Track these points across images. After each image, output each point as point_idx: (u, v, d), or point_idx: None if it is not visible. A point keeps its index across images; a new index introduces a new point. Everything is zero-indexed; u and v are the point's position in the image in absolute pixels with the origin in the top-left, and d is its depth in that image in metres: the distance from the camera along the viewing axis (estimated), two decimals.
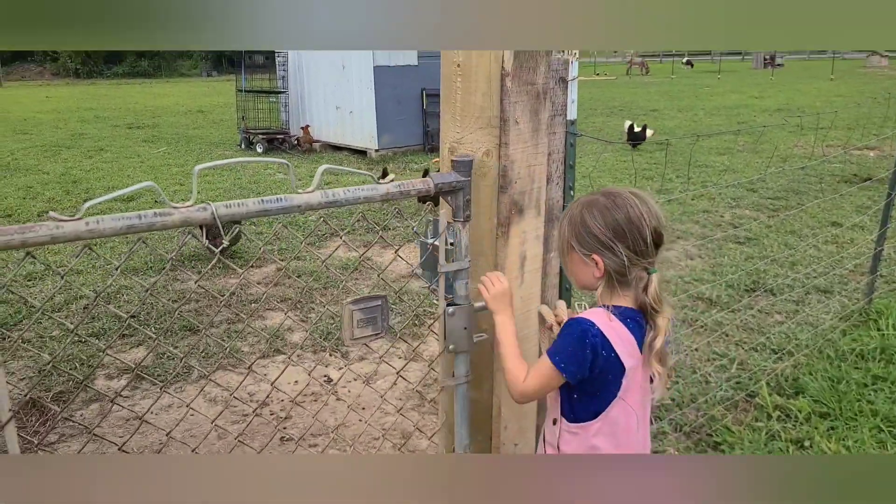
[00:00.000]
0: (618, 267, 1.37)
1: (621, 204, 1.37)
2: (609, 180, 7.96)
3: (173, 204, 1.14)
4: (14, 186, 7.93)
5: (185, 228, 1.19)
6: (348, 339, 1.50)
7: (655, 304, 1.37)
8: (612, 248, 1.36)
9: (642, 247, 1.37)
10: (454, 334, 1.60)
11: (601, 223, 1.37)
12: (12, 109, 18.95)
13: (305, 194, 1.30)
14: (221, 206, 1.19)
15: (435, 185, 1.52)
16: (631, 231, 1.36)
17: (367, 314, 1.50)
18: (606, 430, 1.41)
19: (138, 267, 4.84)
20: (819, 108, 14.64)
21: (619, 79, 30.99)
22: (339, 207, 1.36)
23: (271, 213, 1.27)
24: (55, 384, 3.21)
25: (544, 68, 1.74)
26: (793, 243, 5.31)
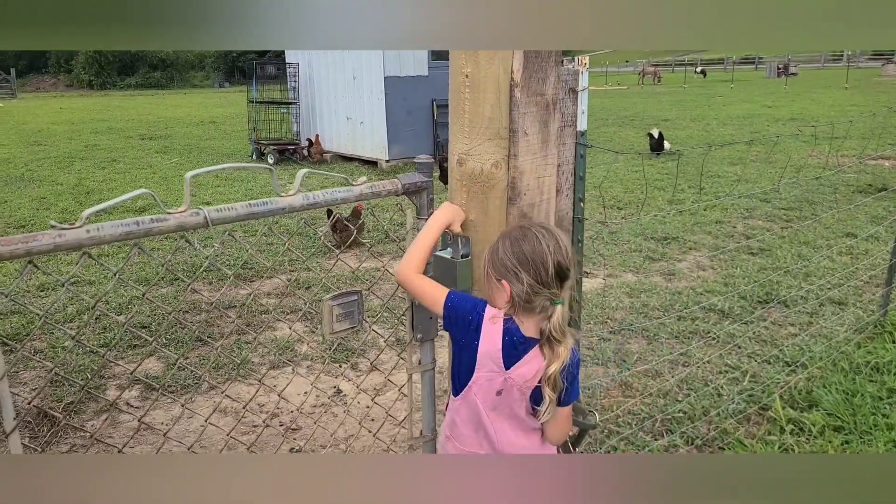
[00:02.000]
0: (521, 293, 1.45)
1: (529, 236, 1.47)
2: (620, 191, 7.93)
3: (168, 210, 1.17)
4: (28, 197, 8.02)
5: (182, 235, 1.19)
6: (328, 333, 1.61)
7: (555, 332, 1.45)
8: (517, 276, 1.45)
9: (545, 277, 1.44)
10: (422, 324, 1.73)
11: (509, 252, 1.47)
12: (27, 121, 19.21)
13: (288, 197, 1.41)
14: (213, 210, 1.27)
15: (402, 185, 1.65)
16: (534, 262, 1.45)
17: (344, 308, 1.62)
18: (465, 412, 1.55)
19: (149, 277, 4.86)
20: (833, 118, 14.54)
21: (630, 88, 30.98)
22: (319, 209, 1.45)
23: (259, 215, 1.36)
24: (66, 394, 3.22)
25: (554, 79, 1.73)
26: (806, 254, 5.26)
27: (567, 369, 1.47)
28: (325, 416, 3.06)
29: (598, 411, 3.04)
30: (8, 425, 1.13)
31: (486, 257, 1.54)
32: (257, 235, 5.93)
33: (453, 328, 1.56)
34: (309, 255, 5.45)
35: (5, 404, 1.11)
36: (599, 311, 4.20)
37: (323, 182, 8.46)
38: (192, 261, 5.23)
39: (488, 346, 1.50)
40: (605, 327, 3.95)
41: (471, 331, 1.52)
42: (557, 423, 1.55)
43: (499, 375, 1.50)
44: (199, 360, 3.61)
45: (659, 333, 3.84)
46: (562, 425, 1.57)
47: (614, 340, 3.76)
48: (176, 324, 4.01)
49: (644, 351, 3.65)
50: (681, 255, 5.38)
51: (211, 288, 4.74)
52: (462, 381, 1.55)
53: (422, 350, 1.79)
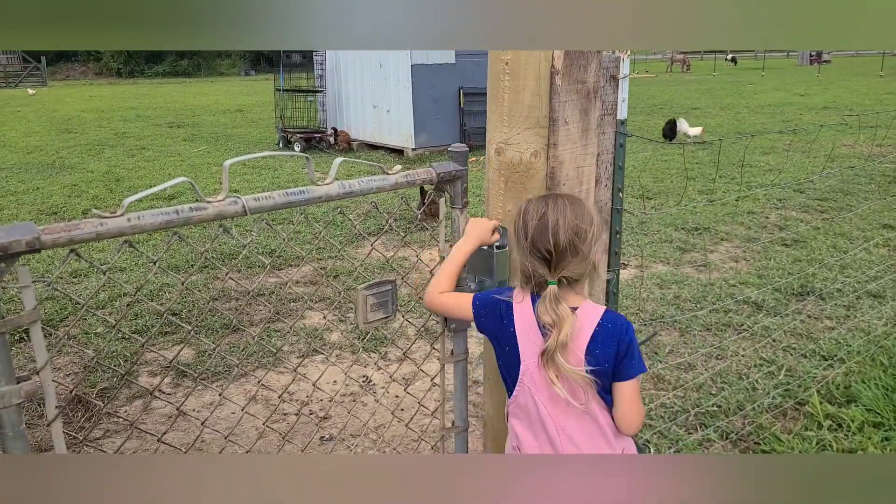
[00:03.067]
0: (518, 265, 1.48)
1: (532, 207, 1.46)
2: (650, 180, 7.82)
3: (207, 199, 1.17)
4: (60, 184, 8.16)
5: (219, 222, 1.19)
6: (362, 322, 1.60)
7: (542, 313, 1.39)
8: (516, 246, 1.48)
9: (526, 252, 1.43)
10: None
11: (520, 223, 1.47)
12: (58, 108, 19.54)
13: (325, 186, 1.40)
14: (251, 198, 1.27)
15: (437, 173, 1.63)
16: (518, 234, 1.45)
17: (379, 298, 1.61)
18: (520, 413, 1.49)
19: (180, 265, 4.91)
20: (868, 106, 14.15)
21: (658, 76, 30.49)
22: (354, 197, 1.44)
23: (295, 204, 1.36)
24: (100, 380, 3.27)
25: (595, 66, 1.69)
26: (842, 246, 5.13)
27: (619, 340, 1.38)
28: (356, 406, 3.07)
29: None
30: (50, 413, 1.13)
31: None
32: (294, 224, 5.96)
33: (486, 324, 1.51)
34: (341, 243, 5.46)
35: (48, 392, 1.11)
36: (630, 301, 4.15)
37: (349, 170, 8.47)
38: (221, 248, 5.27)
39: (523, 323, 1.44)
40: (636, 318, 3.89)
41: (502, 318, 1.47)
42: (621, 404, 1.41)
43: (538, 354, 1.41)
44: (230, 348, 3.64)
45: (692, 326, 3.78)
46: (626, 406, 1.41)
47: (646, 332, 3.71)
48: (207, 311, 4.05)
49: (677, 343, 3.59)
50: (713, 246, 5.28)
51: (240, 276, 4.78)
52: (512, 376, 1.47)
53: (454, 340, 1.78)
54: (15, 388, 1.06)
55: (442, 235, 1.73)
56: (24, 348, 3.55)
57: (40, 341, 1.06)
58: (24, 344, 3.58)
